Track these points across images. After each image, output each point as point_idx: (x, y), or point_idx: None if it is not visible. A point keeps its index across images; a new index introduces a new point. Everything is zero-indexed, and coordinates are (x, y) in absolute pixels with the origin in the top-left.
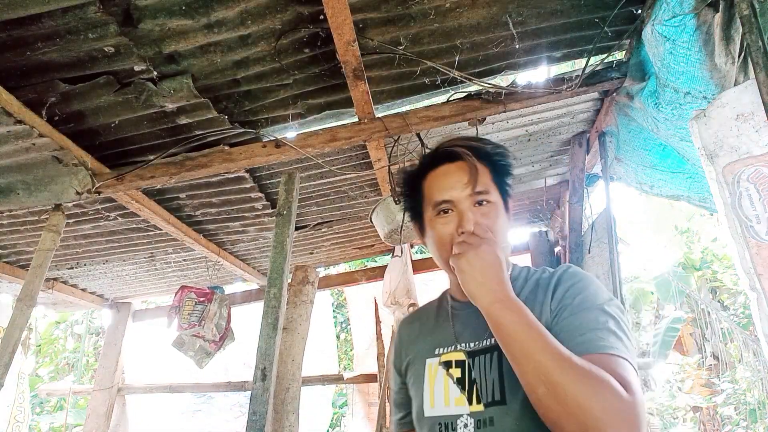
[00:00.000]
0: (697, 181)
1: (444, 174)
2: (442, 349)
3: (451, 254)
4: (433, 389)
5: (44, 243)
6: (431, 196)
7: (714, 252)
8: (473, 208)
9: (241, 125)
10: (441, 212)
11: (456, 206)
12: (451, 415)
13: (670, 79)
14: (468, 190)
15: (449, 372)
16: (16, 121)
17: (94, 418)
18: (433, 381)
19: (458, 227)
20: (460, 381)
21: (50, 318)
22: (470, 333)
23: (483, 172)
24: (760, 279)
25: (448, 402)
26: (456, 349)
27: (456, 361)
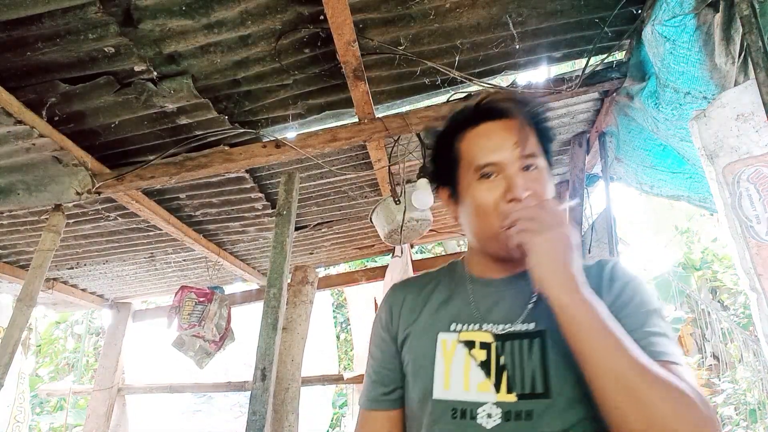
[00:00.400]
0: (697, 181)
1: (487, 133)
2: (461, 326)
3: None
4: (450, 369)
5: (44, 243)
6: (472, 157)
7: (714, 252)
8: (521, 173)
9: (241, 125)
10: (483, 176)
11: (503, 170)
12: (471, 402)
13: (670, 79)
14: (517, 151)
15: (471, 353)
16: (16, 121)
17: (94, 418)
18: (449, 360)
19: (506, 194)
20: (484, 365)
21: (50, 318)
22: (498, 314)
23: (531, 133)
24: (760, 279)
25: (468, 386)
26: (480, 329)
27: (481, 342)
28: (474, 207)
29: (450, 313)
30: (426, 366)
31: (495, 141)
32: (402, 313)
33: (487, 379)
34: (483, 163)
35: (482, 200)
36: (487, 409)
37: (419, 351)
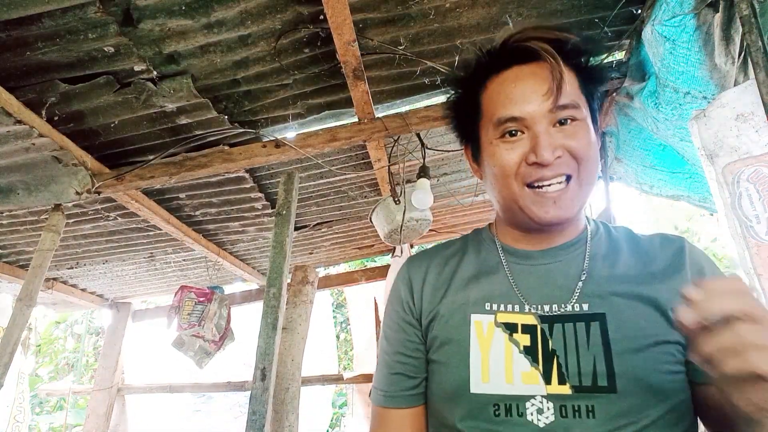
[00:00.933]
0: (696, 181)
1: (513, 80)
2: (498, 306)
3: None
4: (488, 357)
5: (44, 243)
6: (493, 110)
7: (714, 252)
8: (552, 130)
9: (241, 125)
10: (506, 134)
11: (529, 126)
12: (517, 396)
13: (670, 79)
14: (548, 103)
15: (513, 337)
16: (15, 121)
17: (93, 418)
18: (486, 346)
19: (529, 154)
20: (529, 351)
21: (50, 318)
22: (545, 293)
23: (569, 78)
24: (760, 279)
25: (511, 377)
26: (523, 311)
27: (524, 325)
28: (493, 170)
29: (483, 291)
30: (458, 354)
31: (520, 90)
32: (425, 291)
33: (535, 368)
34: (504, 117)
35: (502, 162)
36: (536, 403)
37: (448, 336)
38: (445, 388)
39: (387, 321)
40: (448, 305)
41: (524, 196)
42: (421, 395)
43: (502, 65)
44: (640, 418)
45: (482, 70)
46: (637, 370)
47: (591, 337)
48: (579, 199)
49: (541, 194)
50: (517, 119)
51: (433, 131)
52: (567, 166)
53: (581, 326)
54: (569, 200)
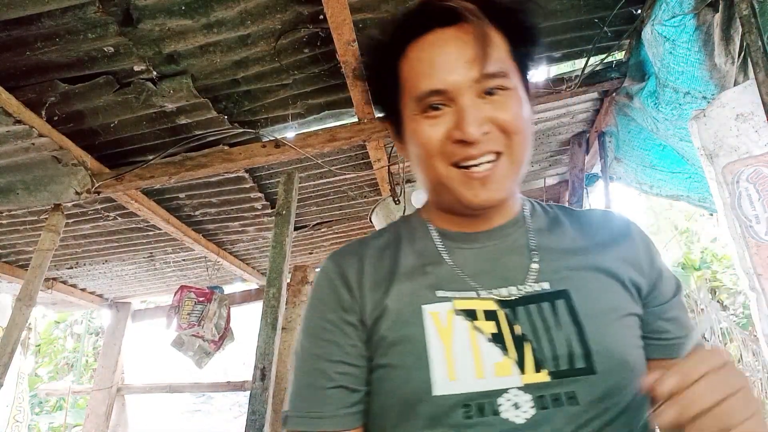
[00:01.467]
0: (696, 181)
1: (434, 47)
2: (451, 293)
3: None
4: (452, 350)
5: (44, 243)
6: (413, 81)
7: (713, 252)
8: (479, 101)
9: (241, 125)
10: (429, 108)
11: (453, 99)
12: (490, 391)
13: (670, 79)
14: (474, 71)
15: (477, 325)
16: (15, 121)
17: (93, 418)
18: (448, 338)
19: (453, 131)
20: (497, 338)
21: (50, 318)
22: (494, 276)
23: (497, 42)
24: (759, 279)
25: (482, 370)
26: (478, 296)
27: (485, 311)
28: (417, 149)
29: (429, 280)
30: (414, 353)
31: (442, 58)
32: (364, 286)
33: (506, 357)
34: (425, 91)
35: (425, 140)
36: (511, 397)
37: (400, 334)
38: (400, 396)
39: (316, 327)
40: (396, 299)
41: (451, 177)
42: (362, 414)
43: (422, 29)
44: (622, 398)
45: (401, 34)
46: (612, 346)
47: (559, 317)
48: (511, 177)
49: (469, 175)
50: (440, 92)
51: None
52: (496, 142)
53: (547, 306)
54: (500, 180)
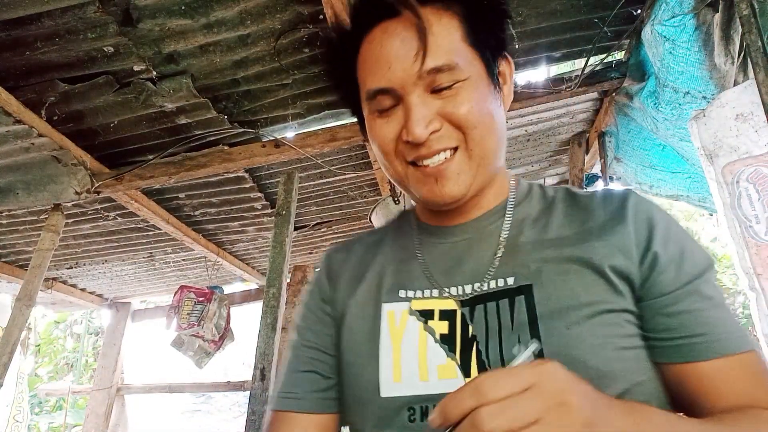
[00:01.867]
0: (696, 181)
1: (379, 41)
2: (414, 292)
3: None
4: (400, 352)
5: (43, 243)
6: (363, 81)
7: (713, 252)
8: (428, 98)
9: (241, 125)
10: (379, 110)
11: (402, 96)
12: (433, 395)
13: (670, 79)
14: (416, 66)
15: (429, 325)
16: (15, 120)
17: (93, 418)
18: (398, 338)
19: (403, 130)
20: (446, 339)
21: (49, 318)
22: (461, 273)
23: (446, 29)
24: (759, 279)
25: (426, 373)
26: (440, 295)
27: (441, 311)
28: (375, 147)
29: (397, 277)
30: (368, 352)
31: (385, 53)
32: (341, 281)
33: (451, 359)
34: (372, 90)
35: (380, 139)
36: None
37: (358, 331)
38: (354, 394)
39: (302, 312)
40: (362, 296)
41: (408, 174)
42: (334, 402)
43: (370, 22)
44: None
45: (354, 30)
46: (572, 348)
47: (516, 315)
48: (471, 171)
49: (423, 171)
50: (387, 90)
51: None
52: (449, 138)
53: (504, 303)
54: (456, 175)
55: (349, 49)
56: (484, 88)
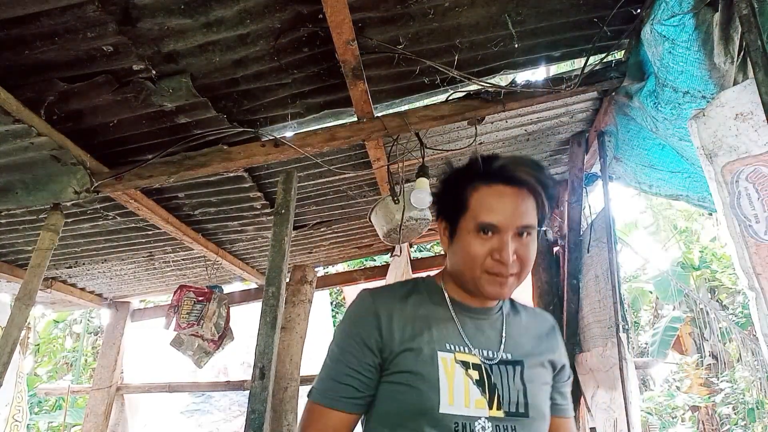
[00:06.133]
0: (696, 180)
1: (499, 196)
2: (455, 347)
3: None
4: (453, 386)
5: (43, 242)
6: (478, 213)
7: (713, 251)
8: (515, 238)
9: (240, 124)
10: (482, 231)
11: (500, 232)
12: (471, 417)
13: (669, 78)
14: (519, 221)
15: (468, 372)
16: (14, 120)
17: (92, 418)
18: (451, 378)
19: (494, 252)
20: (479, 383)
21: (49, 317)
22: (483, 341)
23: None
24: (758, 278)
25: (468, 402)
26: (470, 352)
27: (473, 363)
28: (465, 253)
29: (443, 334)
30: (431, 381)
31: (503, 206)
32: (394, 327)
33: (483, 396)
34: (486, 222)
35: (474, 251)
36: (481, 423)
37: (421, 368)
38: (416, 406)
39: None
40: (420, 341)
41: (483, 278)
42: (363, 407)
43: (494, 179)
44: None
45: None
46: (538, 402)
47: (516, 378)
48: (514, 286)
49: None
50: (494, 226)
51: (432, 130)
52: (516, 266)
53: (509, 368)
54: (509, 287)
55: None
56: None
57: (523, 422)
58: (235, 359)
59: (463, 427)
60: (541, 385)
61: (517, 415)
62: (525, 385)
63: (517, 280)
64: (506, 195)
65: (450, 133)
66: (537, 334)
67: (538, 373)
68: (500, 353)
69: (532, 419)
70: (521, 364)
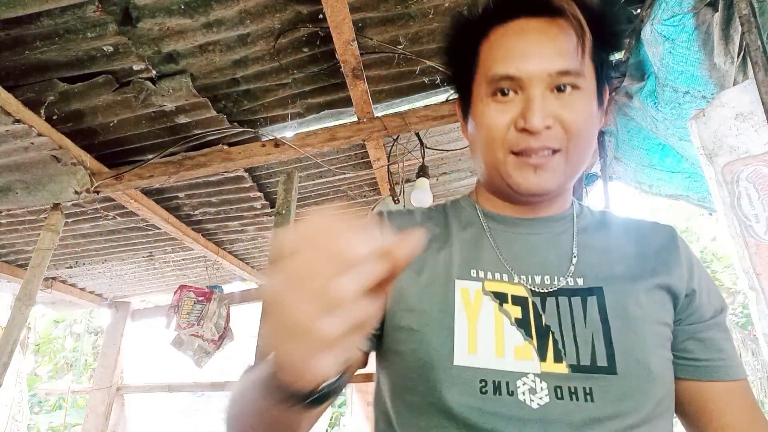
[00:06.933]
0: (696, 180)
1: (517, 34)
2: (485, 273)
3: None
4: (476, 327)
5: (43, 242)
6: (489, 63)
7: (713, 251)
8: (548, 95)
9: (240, 124)
10: (498, 92)
11: (523, 87)
12: (507, 372)
13: (669, 78)
14: (551, 64)
15: (504, 308)
16: (14, 120)
17: (93, 418)
18: (474, 315)
19: (519, 118)
20: (522, 324)
21: (49, 317)
22: (533, 265)
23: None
24: (759, 278)
25: (502, 350)
26: (510, 280)
27: (513, 296)
28: (479, 129)
29: (468, 257)
30: (442, 321)
31: (522, 46)
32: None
33: (528, 342)
34: (499, 75)
35: (489, 122)
36: (528, 382)
37: (429, 302)
38: (420, 358)
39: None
40: (429, 268)
41: (507, 162)
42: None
43: (509, 14)
44: (640, 403)
45: (487, 16)
46: (636, 350)
47: (588, 314)
48: (564, 173)
49: (524, 161)
50: (513, 78)
51: (433, 130)
52: (556, 139)
53: (577, 301)
54: (552, 171)
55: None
56: (593, 104)
57: (608, 381)
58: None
59: (495, 388)
60: (644, 324)
61: (594, 371)
62: (607, 323)
63: (565, 160)
64: (528, 30)
65: (450, 133)
66: (639, 251)
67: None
68: (563, 279)
69: (624, 377)
70: (599, 292)
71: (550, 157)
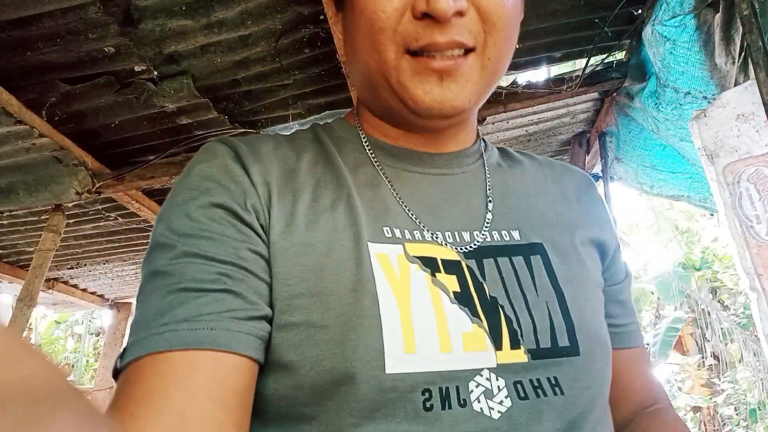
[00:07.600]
0: (697, 181)
1: None
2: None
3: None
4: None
5: (44, 243)
6: None
7: (714, 252)
8: None
9: (242, 125)
10: None
11: None
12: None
13: (671, 79)
14: None
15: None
16: (16, 121)
17: None
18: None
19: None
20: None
21: (50, 318)
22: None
23: None
24: (760, 279)
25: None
26: (432, 239)
27: (444, 261)
28: (359, 19)
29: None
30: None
31: None
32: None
33: (477, 325)
34: None
35: (374, 5)
36: (481, 381)
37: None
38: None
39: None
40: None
41: (401, 67)
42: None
43: None
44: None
45: None
46: (592, 322)
47: (537, 278)
48: (479, 83)
49: (425, 64)
50: None
51: None
52: (470, 33)
53: (520, 261)
54: (464, 80)
55: None
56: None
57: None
58: None
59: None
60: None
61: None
62: (559, 288)
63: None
64: None
65: None
66: (561, 193)
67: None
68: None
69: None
70: (540, 249)
71: (462, 58)
